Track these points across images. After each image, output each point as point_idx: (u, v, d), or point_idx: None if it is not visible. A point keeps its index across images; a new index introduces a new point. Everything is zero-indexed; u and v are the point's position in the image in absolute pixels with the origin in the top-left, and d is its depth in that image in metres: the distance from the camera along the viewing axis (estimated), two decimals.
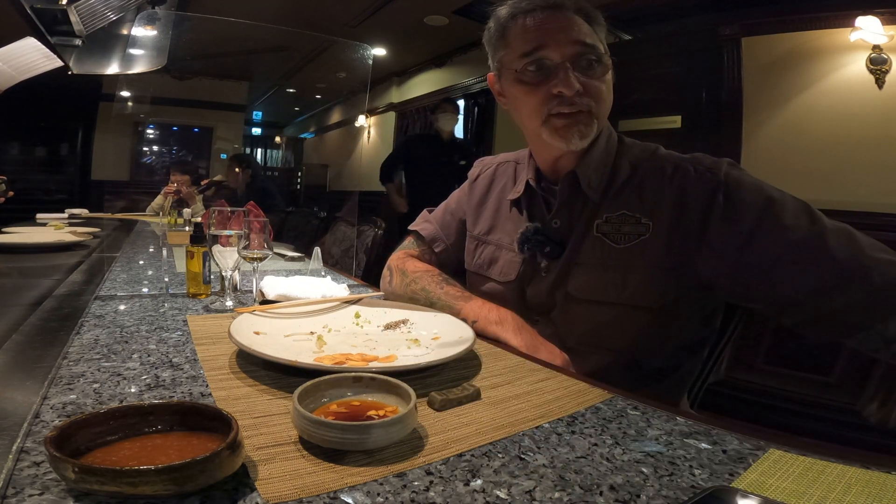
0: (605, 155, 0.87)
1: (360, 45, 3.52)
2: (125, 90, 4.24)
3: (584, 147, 0.83)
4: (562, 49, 0.78)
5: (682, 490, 0.40)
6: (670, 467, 0.43)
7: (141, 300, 0.97)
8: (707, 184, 0.77)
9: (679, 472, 0.43)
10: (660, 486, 0.40)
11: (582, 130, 0.80)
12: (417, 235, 1.11)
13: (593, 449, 0.46)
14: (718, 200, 0.75)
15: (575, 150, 0.82)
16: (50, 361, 0.61)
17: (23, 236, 1.86)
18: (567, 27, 0.79)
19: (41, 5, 1.25)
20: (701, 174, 0.78)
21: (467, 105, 4.66)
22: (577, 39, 0.78)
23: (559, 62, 0.78)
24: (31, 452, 0.40)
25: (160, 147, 5.47)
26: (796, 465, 0.44)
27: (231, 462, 0.36)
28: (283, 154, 7.48)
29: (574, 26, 0.79)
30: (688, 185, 0.78)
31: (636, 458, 0.45)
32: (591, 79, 0.79)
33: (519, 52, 0.81)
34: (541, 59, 0.79)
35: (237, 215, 0.97)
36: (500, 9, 0.85)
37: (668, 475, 0.42)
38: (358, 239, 2.12)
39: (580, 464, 0.43)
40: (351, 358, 0.65)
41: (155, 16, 1.81)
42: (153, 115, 4.98)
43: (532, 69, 0.80)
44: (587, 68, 0.79)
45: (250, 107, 6.39)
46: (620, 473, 0.42)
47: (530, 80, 0.81)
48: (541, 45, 0.79)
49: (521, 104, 0.85)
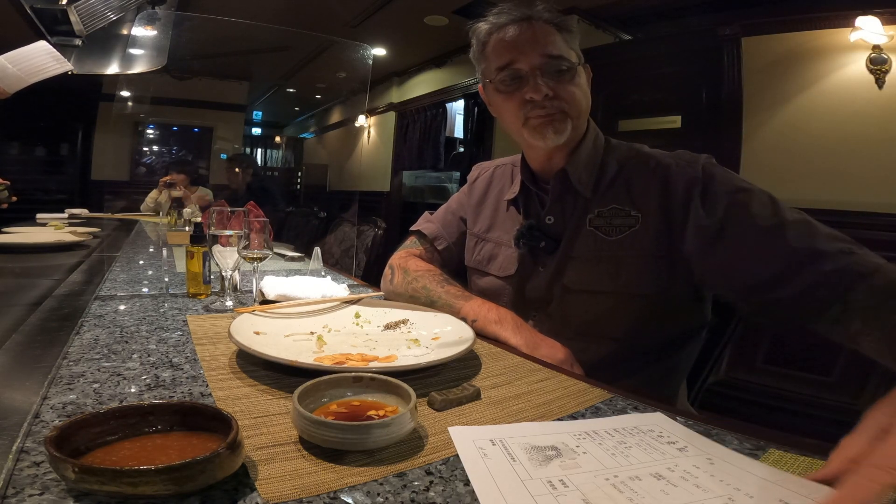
0: (594, 153, 0.92)
1: (360, 45, 3.52)
2: (125, 90, 4.24)
3: (561, 143, 0.88)
4: (530, 60, 0.86)
5: None
6: None
7: (141, 300, 0.97)
8: (686, 176, 0.83)
9: None
10: None
11: (556, 127, 0.87)
12: (420, 235, 1.13)
13: None
14: (696, 191, 0.81)
15: (553, 145, 0.88)
16: (50, 361, 0.61)
17: (23, 236, 1.86)
18: (536, 39, 0.87)
19: (41, 5, 1.25)
20: (681, 167, 0.84)
21: (467, 105, 4.66)
22: (545, 52, 0.86)
23: (528, 71, 0.86)
24: (31, 452, 0.40)
25: (160, 147, 5.47)
26: (796, 465, 0.44)
27: (231, 462, 0.36)
28: (283, 154, 7.48)
29: (542, 38, 0.87)
30: (670, 177, 0.84)
31: None
32: (560, 83, 0.86)
33: (495, 66, 0.90)
34: (513, 70, 0.88)
35: (237, 215, 0.97)
36: (480, 26, 0.94)
37: None
38: (358, 239, 2.12)
39: None
40: (351, 358, 0.65)
41: (155, 16, 1.81)
42: (153, 115, 4.98)
43: (507, 79, 0.89)
44: (556, 74, 0.86)
45: (250, 107, 6.40)
46: None
47: (506, 90, 0.89)
48: (513, 58, 0.87)
49: (503, 111, 0.93)
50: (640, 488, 0.39)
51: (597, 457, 0.43)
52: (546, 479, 0.40)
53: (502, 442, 0.46)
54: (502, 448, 0.44)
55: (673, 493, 0.38)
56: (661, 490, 0.39)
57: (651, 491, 0.38)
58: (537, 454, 0.44)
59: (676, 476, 0.41)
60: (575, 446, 0.45)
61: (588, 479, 0.40)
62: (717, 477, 0.41)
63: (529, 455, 0.43)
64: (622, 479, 0.40)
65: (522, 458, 0.43)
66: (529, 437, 0.47)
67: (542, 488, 0.38)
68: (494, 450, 0.44)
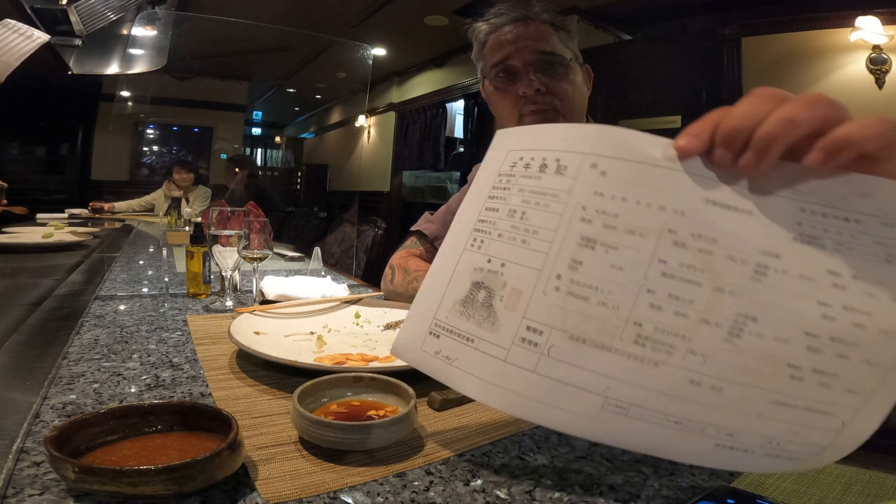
0: None
1: (360, 45, 3.53)
2: (125, 90, 4.24)
3: None
4: (523, 57, 0.89)
5: (682, 490, 0.40)
6: (670, 467, 0.43)
7: (141, 300, 0.97)
8: None
9: (679, 472, 0.43)
10: (660, 486, 0.40)
11: (549, 122, 0.89)
12: (420, 235, 1.13)
13: (593, 449, 0.46)
14: None
15: None
16: (50, 361, 0.61)
17: (23, 236, 1.86)
18: (530, 37, 0.89)
19: (41, 5, 1.25)
20: None
21: (467, 105, 4.66)
22: (538, 48, 0.88)
23: (521, 67, 0.89)
24: (31, 452, 0.40)
25: (160, 147, 5.48)
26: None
27: (231, 462, 0.36)
28: (283, 154, 7.48)
29: (538, 36, 0.89)
30: None
31: (636, 458, 0.45)
32: (553, 80, 0.88)
33: (491, 63, 0.93)
34: (507, 66, 0.90)
35: (237, 215, 0.97)
36: (479, 26, 0.96)
37: (668, 475, 0.42)
38: (358, 239, 2.12)
39: (580, 464, 0.43)
40: (351, 358, 0.65)
41: (155, 16, 1.81)
42: (153, 115, 4.99)
43: (502, 75, 0.91)
44: (549, 71, 0.88)
45: (250, 107, 6.39)
46: (620, 473, 0.42)
47: (501, 86, 0.92)
48: (507, 55, 0.90)
49: (499, 108, 0.95)
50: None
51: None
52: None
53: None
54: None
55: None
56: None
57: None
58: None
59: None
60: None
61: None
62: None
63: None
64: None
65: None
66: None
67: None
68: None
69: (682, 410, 0.34)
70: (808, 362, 0.33)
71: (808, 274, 0.33)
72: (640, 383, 0.34)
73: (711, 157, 0.33)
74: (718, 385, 0.34)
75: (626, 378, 0.34)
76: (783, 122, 0.31)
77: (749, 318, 0.33)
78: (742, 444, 0.34)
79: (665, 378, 0.34)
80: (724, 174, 0.34)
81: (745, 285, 0.33)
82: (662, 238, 0.34)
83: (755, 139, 0.32)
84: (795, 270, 0.33)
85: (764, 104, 0.32)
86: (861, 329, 0.32)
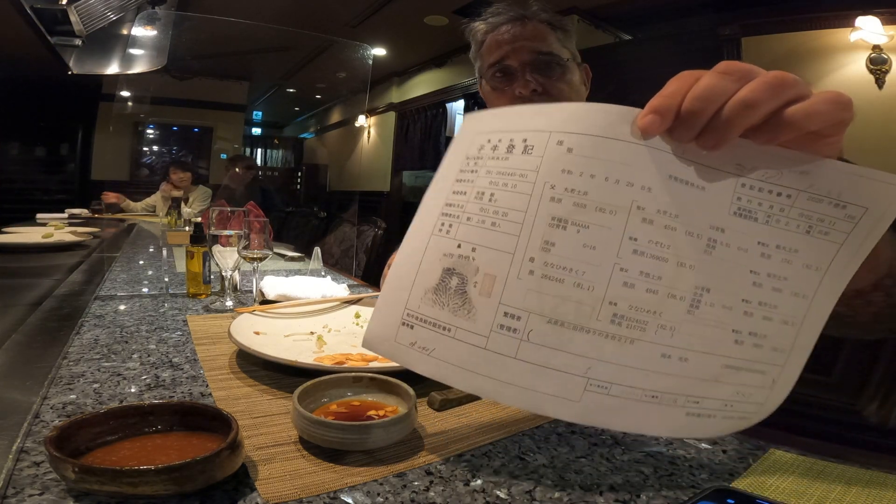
0: None
1: (360, 45, 3.52)
2: (125, 90, 4.23)
3: None
4: (519, 56, 0.88)
5: (682, 490, 0.40)
6: (670, 467, 0.43)
7: (141, 300, 0.97)
8: None
9: (679, 472, 0.43)
10: (660, 486, 0.40)
11: None
12: None
13: (593, 449, 0.46)
14: None
15: None
16: (50, 361, 0.61)
17: (23, 236, 1.86)
18: (527, 37, 0.89)
19: (41, 5, 1.25)
20: None
21: (467, 105, 4.66)
22: (535, 48, 0.88)
23: (517, 67, 0.88)
24: (31, 452, 0.40)
25: (160, 147, 5.47)
26: (796, 465, 0.44)
27: (231, 462, 0.36)
28: (283, 154, 7.47)
29: (534, 35, 0.89)
30: None
31: (636, 458, 0.45)
32: (549, 80, 0.88)
33: (488, 63, 0.92)
34: (503, 66, 0.90)
35: (237, 215, 0.97)
36: (477, 25, 0.96)
37: (668, 475, 0.42)
38: (358, 239, 2.12)
39: (580, 464, 0.43)
40: (351, 358, 0.65)
41: (155, 16, 1.81)
42: (153, 115, 4.98)
43: (499, 75, 0.91)
44: (546, 71, 0.88)
45: (250, 107, 6.38)
46: (620, 473, 0.42)
47: (498, 86, 0.91)
48: (504, 55, 0.89)
49: (496, 107, 0.93)
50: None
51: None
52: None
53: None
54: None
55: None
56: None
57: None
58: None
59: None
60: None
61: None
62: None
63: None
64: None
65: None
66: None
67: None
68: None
69: (657, 384, 0.35)
70: (745, 326, 0.35)
71: (743, 245, 0.35)
72: (619, 361, 0.35)
73: (672, 133, 0.34)
74: (685, 356, 0.35)
75: (606, 357, 0.35)
76: (743, 108, 0.32)
77: (704, 290, 0.35)
78: (706, 409, 0.36)
79: (640, 354, 0.35)
80: (683, 149, 0.35)
81: (701, 259, 0.35)
82: (632, 215, 0.35)
83: (715, 122, 0.33)
84: (735, 243, 0.35)
85: (728, 84, 0.33)
86: (779, 293, 0.35)
